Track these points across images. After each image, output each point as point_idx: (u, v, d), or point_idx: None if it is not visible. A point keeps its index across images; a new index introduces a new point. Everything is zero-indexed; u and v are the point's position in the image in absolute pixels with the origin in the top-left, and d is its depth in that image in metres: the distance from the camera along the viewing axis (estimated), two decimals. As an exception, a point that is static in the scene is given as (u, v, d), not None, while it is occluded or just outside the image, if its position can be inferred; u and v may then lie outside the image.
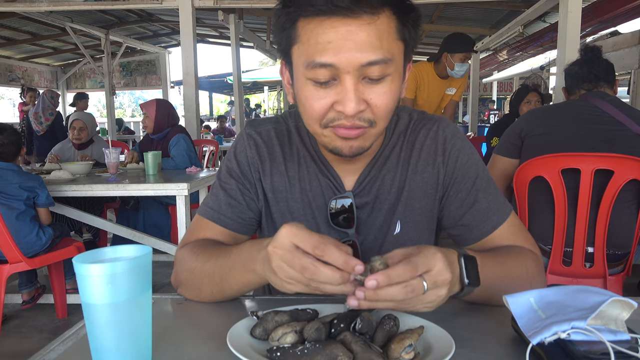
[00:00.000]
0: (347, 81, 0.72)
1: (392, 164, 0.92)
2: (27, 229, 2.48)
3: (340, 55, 0.71)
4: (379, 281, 0.60)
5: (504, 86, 15.05)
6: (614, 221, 1.78)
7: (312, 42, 0.73)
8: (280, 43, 0.80)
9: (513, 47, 7.40)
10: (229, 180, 0.95)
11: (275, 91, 15.93)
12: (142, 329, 0.60)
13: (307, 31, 0.73)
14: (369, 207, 0.93)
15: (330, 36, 0.71)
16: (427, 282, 0.62)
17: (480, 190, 0.92)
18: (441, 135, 0.93)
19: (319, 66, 0.72)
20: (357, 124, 0.76)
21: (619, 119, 1.85)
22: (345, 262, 0.61)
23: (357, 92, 0.73)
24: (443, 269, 0.63)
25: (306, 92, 0.76)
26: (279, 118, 0.99)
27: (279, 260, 0.64)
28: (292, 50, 0.77)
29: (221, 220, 0.93)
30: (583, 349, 0.57)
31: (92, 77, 11.71)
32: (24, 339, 2.60)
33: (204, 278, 0.83)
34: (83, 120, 3.90)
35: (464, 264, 0.69)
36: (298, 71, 0.77)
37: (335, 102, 0.74)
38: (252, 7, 5.33)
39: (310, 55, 0.73)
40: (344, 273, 0.61)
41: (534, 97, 3.43)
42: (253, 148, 0.95)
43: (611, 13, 4.73)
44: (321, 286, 0.62)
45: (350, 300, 0.62)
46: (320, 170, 0.93)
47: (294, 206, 0.94)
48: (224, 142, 8.23)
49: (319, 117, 0.77)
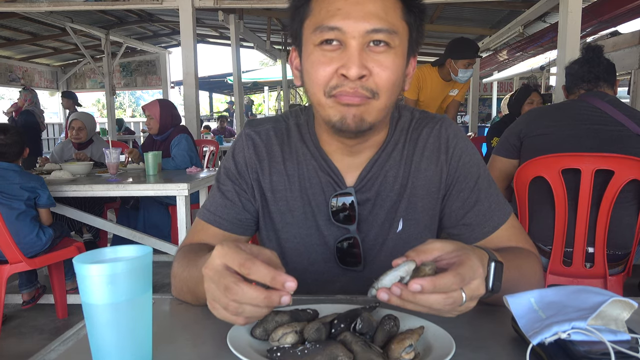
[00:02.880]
0: (351, 46, 0.76)
1: (395, 161, 0.93)
2: (27, 229, 2.48)
3: (347, 20, 0.76)
4: (423, 287, 0.58)
5: (504, 86, 15.04)
6: (614, 221, 1.78)
7: (323, 11, 0.78)
8: (292, 25, 0.85)
9: (513, 47, 7.39)
10: (225, 182, 0.96)
11: (276, 91, 15.93)
12: (142, 329, 0.60)
13: (319, 3, 0.80)
14: (371, 204, 0.93)
15: (339, 4, 0.77)
16: (466, 295, 0.61)
17: (482, 190, 0.92)
18: (444, 134, 0.94)
19: (327, 29, 0.77)
20: (360, 91, 0.78)
21: (619, 119, 1.85)
22: (274, 278, 0.57)
23: (361, 58, 0.76)
24: (481, 283, 0.63)
25: (313, 58, 0.80)
26: (278, 117, 1.00)
27: (209, 282, 0.61)
28: (303, 27, 0.82)
29: (217, 222, 0.94)
30: (583, 349, 0.57)
31: (93, 78, 11.71)
32: (24, 339, 2.60)
33: (183, 285, 0.83)
34: (82, 120, 3.87)
35: (493, 271, 0.67)
36: (307, 42, 0.81)
37: (340, 67, 0.77)
38: (252, 7, 5.33)
39: (320, 21, 0.78)
40: (271, 294, 0.57)
41: (536, 97, 3.44)
42: (251, 148, 0.96)
43: (611, 13, 4.72)
44: (243, 308, 0.58)
45: (381, 293, 0.60)
46: (320, 167, 0.93)
47: (293, 205, 0.94)
48: (224, 142, 8.23)
49: (324, 82, 0.79)
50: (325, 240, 0.94)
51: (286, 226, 0.95)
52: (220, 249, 0.60)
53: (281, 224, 0.96)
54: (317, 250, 0.95)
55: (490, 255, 0.68)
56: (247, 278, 0.58)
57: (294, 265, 0.97)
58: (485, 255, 0.68)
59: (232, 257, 0.59)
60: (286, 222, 0.95)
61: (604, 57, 2.03)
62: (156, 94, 14.00)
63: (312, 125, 0.94)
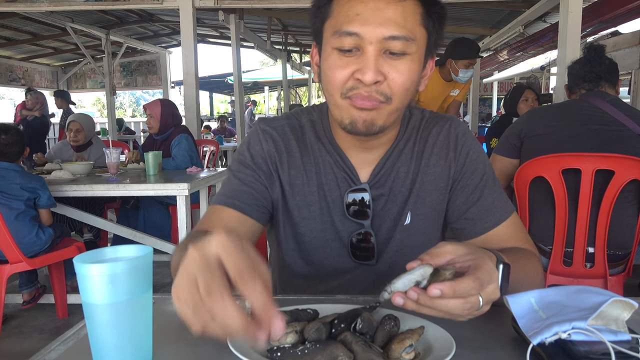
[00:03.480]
0: (368, 52, 0.77)
1: (406, 157, 0.95)
2: (26, 230, 2.48)
3: (365, 26, 0.77)
4: (443, 292, 0.57)
5: (505, 86, 15.04)
6: (614, 221, 1.78)
7: (343, 14, 0.79)
8: (314, 23, 0.86)
9: (513, 47, 7.39)
10: (242, 169, 0.96)
11: (276, 91, 15.93)
12: (142, 329, 0.60)
13: (340, 6, 0.80)
14: (384, 199, 0.95)
15: (359, 9, 0.78)
16: (483, 299, 0.61)
17: (486, 187, 0.94)
18: (453, 132, 0.96)
19: (345, 34, 0.78)
20: (374, 96, 0.79)
21: (619, 119, 1.85)
22: (266, 307, 0.47)
23: (377, 63, 0.77)
24: (496, 287, 0.63)
25: (331, 60, 0.81)
26: (289, 115, 1.01)
27: (192, 266, 0.49)
28: (324, 27, 0.83)
29: (235, 205, 0.92)
30: (584, 349, 0.57)
31: (93, 77, 11.71)
32: (24, 339, 2.60)
33: (173, 272, 0.75)
34: (79, 122, 3.79)
35: (501, 273, 0.67)
36: (326, 43, 0.82)
37: (356, 71, 0.78)
38: (252, 7, 5.34)
39: (339, 25, 0.79)
40: (250, 327, 0.47)
41: (530, 94, 3.43)
42: (270, 141, 0.96)
43: (611, 13, 4.72)
44: (211, 322, 0.47)
45: (397, 297, 0.59)
46: (335, 163, 0.94)
47: (310, 199, 0.95)
48: (224, 142, 8.23)
49: (340, 84, 0.80)
50: (340, 235, 0.96)
51: (303, 221, 0.96)
52: (221, 237, 0.50)
53: (299, 219, 0.97)
54: (331, 245, 0.97)
55: (497, 258, 0.68)
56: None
57: (310, 259, 0.99)
58: (494, 257, 0.68)
59: (232, 256, 0.49)
60: (303, 216, 0.96)
61: (606, 57, 2.03)
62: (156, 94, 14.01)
63: (327, 121, 0.96)
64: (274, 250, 1.08)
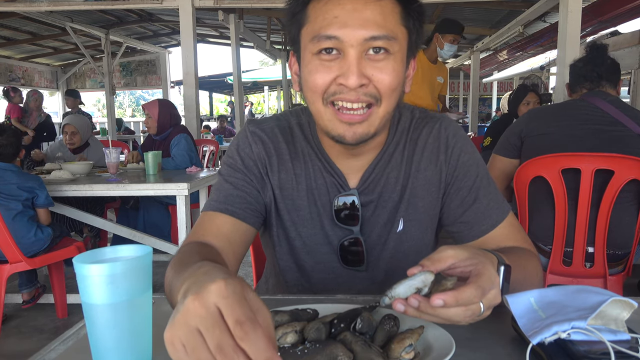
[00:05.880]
0: (350, 55, 0.75)
1: (396, 162, 0.93)
2: (24, 230, 2.48)
3: (345, 29, 0.75)
4: (446, 301, 0.57)
5: (504, 86, 15.05)
6: (614, 221, 1.78)
7: (320, 19, 0.77)
8: (290, 31, 0.84)
9: (513, 47, 7.40)
10: (232, 174, 0.93)
11: (276, 91, 15.93)
12: (142, 329, 0.60)
13: (316, 10, 0.78)
14: (373, 205, 0.93)
15: (336, 12, 0.75)
16: (484, 305, 0.61)
17: (481, 189, 0.93)
18: (443, 133, 0.94)
19: (324, 38, 0.76)
20: (362, 98, 0.77)
21: (620, 119, 1.84)
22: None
23: (360, 66, 0.75)
24: (498, 292, 0.62)
25: (311, 66, 0.79)
26: (279, 116, 0.99)
27: (193, 318, 0.46)
28: (301, 33, 0.81)
29: (227, 210, 0.89)
30: (583, 349, 0.57)
31: (92, 77, 11.72)
32: (24, 339, 2.60)
33: (168, 292, 0.72)
34: (74, 124, 3.73)
35: (502, 274, 0.67)
36: (305, 50, 0.80)
37: (338, 76, 0.76)
38: (252, 7, 5.34)
39: (317, 30, 0.77)
40: None
41: (532, 97, 3.43)
42: (259, 144, 0.94)
43: (611, 13, 4.72)
44: None
45: (397, 304, 0.59)
46: (324, 168, 0.93)
47: (300, 204, 0.94)
48: (224, 142, 8.23)
49: (322, 90, 0.78)
50: (329, 240, 0.94)
51: (293, 225, 0.95)
52: (220, 286, 0.47)
53: (289, 222, 0.96)
54: (321, 250, 0.95)
55: (498, 259, 0.68)
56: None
57: (302, 264, 0.97)
58: (494, 260, 0.67)
59: (232, 307, 0.46)
60: (293, 220, 0.95)
61: (607, 56, 2.01)
62: (156, 94, 14.01)
63: (314, 126, 0.94)
64: (269, 255, 1.07)
